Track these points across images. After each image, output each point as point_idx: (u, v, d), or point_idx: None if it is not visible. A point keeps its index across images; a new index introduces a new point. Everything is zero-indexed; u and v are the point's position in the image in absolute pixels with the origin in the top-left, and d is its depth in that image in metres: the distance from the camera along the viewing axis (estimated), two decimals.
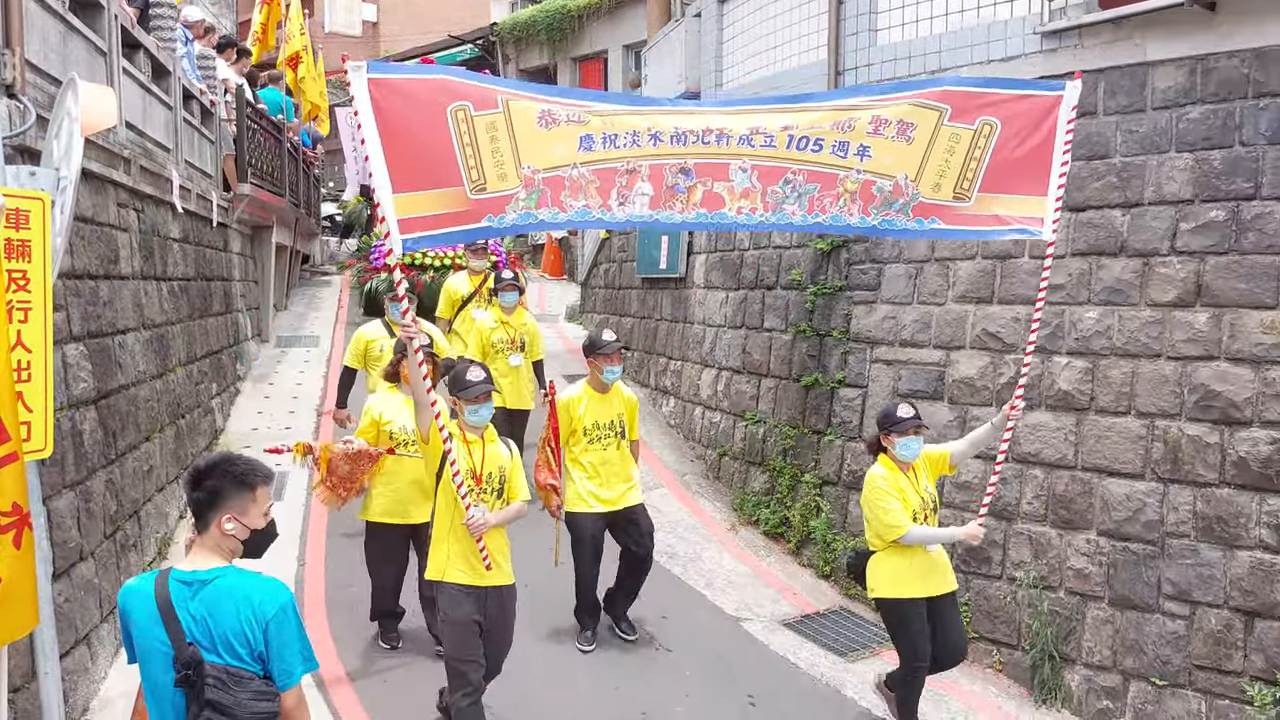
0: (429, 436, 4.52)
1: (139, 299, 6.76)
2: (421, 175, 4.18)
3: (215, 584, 2.79)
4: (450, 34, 24.08)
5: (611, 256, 14.11)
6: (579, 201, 4.42)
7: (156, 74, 8.10)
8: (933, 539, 5.08)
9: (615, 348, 5.96)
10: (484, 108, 4.24)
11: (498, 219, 4.31)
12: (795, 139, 4.59)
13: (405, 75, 4.19)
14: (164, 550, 6.63)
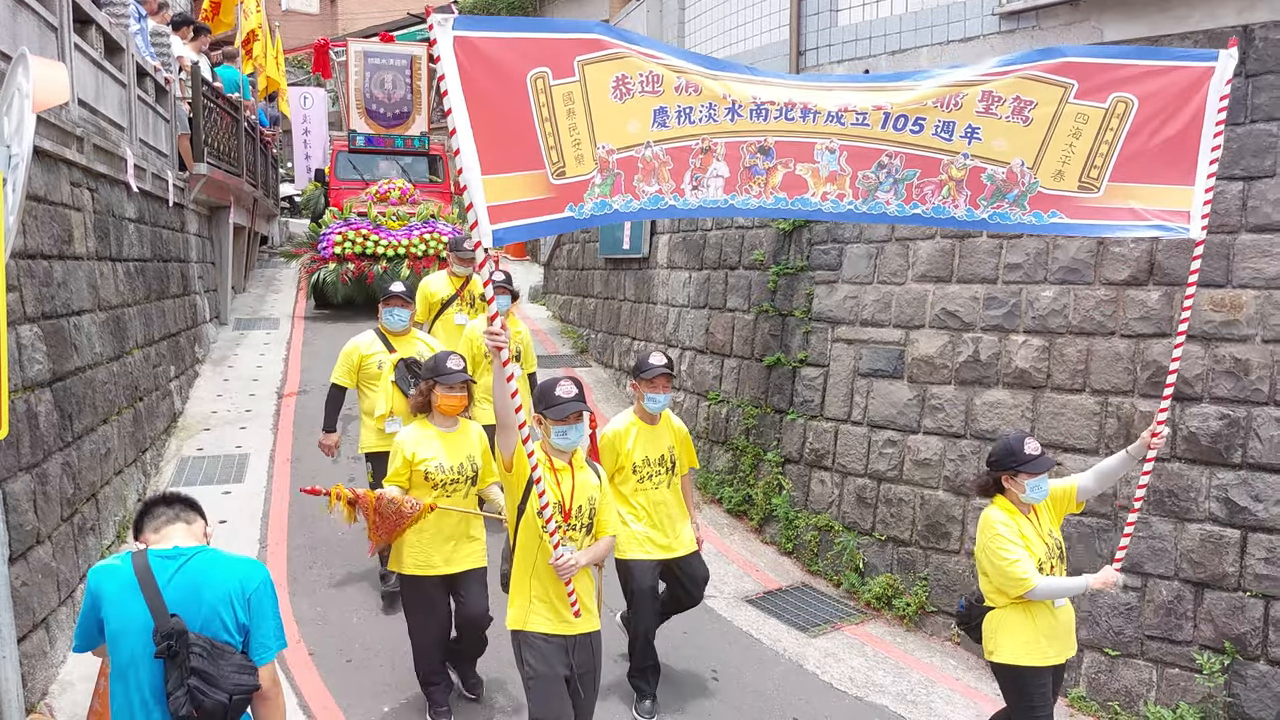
0: (512, 462, 3.88)
1: (94, 280, 6.65)
2: (509, 155, 3.66)
3: (198, 559, 2.87)
4: (410, 12, 23.79)
5: (574, 237, 14.09)
6: (651, 186, 3.94)
7: (109, 51, 7.94)
8: (1063, 591, 4.32)
9: (659, 372, 5.12)
10: (561, 75, 3.72)
11: (578, 208, 3.80)
12: (892, 117, 4.03)
13: (490, 33, 3.63)
14: (122, 534, 6.55)
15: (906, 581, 6.84)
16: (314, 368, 10.96)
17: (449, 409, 4.84)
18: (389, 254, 12.88)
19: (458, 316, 7.56)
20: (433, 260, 12.79)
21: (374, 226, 13.03)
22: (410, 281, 12.56)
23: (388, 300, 6.26)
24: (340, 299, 13.10)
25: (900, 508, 6.96)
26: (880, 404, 7.19)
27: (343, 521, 4.92)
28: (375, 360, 6.22)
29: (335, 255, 12.79)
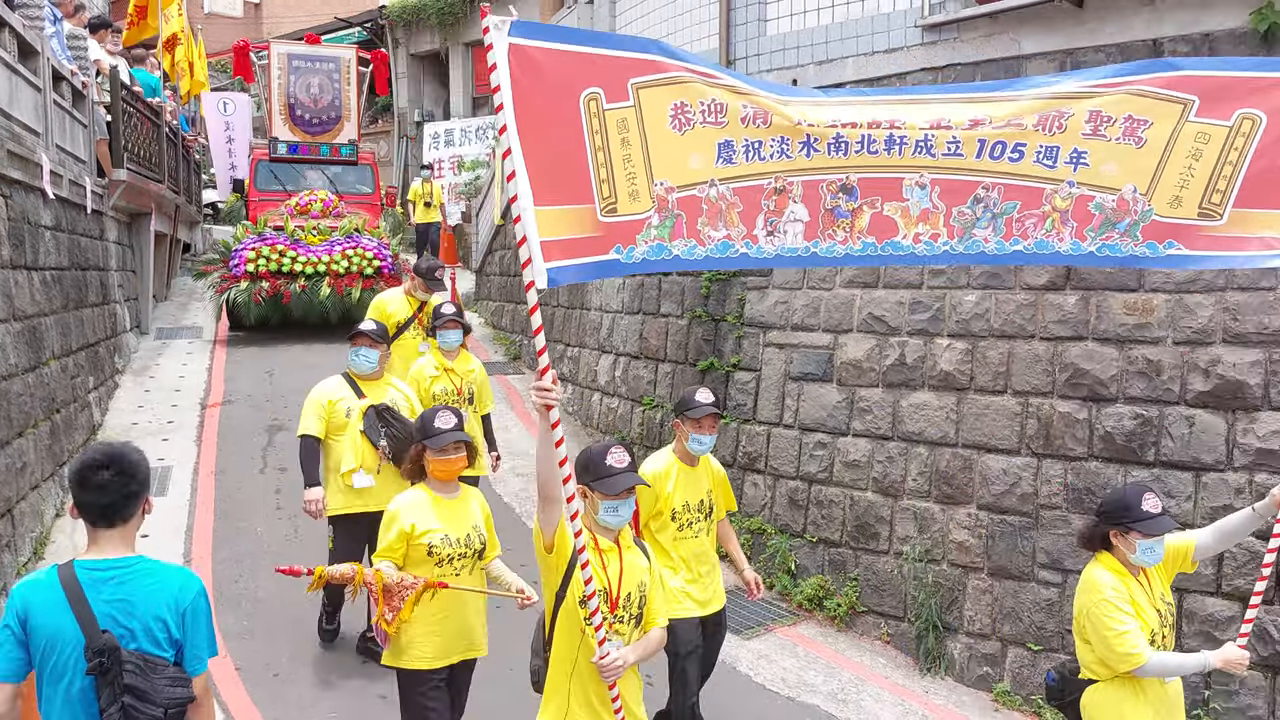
0: (554, 542, 3.30)
1: (8, 289, 6.44)
2: (560, 185, 3.28)
3: (131, 572, 2.74)
4: (337, 17, 23.50)
5: (507, 244, 14.03)
6: (719, 231, 3.52)
7: (23, 54, 7.70)
8: (1179, 670, 3.72)
9: (707, 411, 4.61)
10: (615, 98, 3.33)
11: (627, 251, 3.40)
12: (988, 144, 3.60)
13: (546, 43, 3.25)
14: (40, 550, 6.35)
15: (837, 582, 6.94)
16: (238, 377, 10.76)
17: (445, 474, 4.14)
18: (307, 271, 11.93)
19: (422, 345, 6.97)
20: (355, 278, 11.99)
21: (291, 242, 12.06)
22: (330, 301, 11.87)
23: (355, 338, 5.48)
24: (254, 320, 12.12)
25: (830, 509, 7.07)
26: (811, 407, 7.30)
27: (349, 599, 4.45)
28: (343, 407, 5.38)
29: (248, 273, 11.80)
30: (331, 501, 5.39)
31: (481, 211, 15.75)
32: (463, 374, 6.36)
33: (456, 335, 6.27)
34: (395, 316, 7.03)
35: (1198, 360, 5.67)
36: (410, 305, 7.13)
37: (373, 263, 12.15)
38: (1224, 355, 5.60)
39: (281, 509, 7.55)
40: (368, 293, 11.55)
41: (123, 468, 2.75)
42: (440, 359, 6.31)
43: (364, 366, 5.48)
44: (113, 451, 2.78)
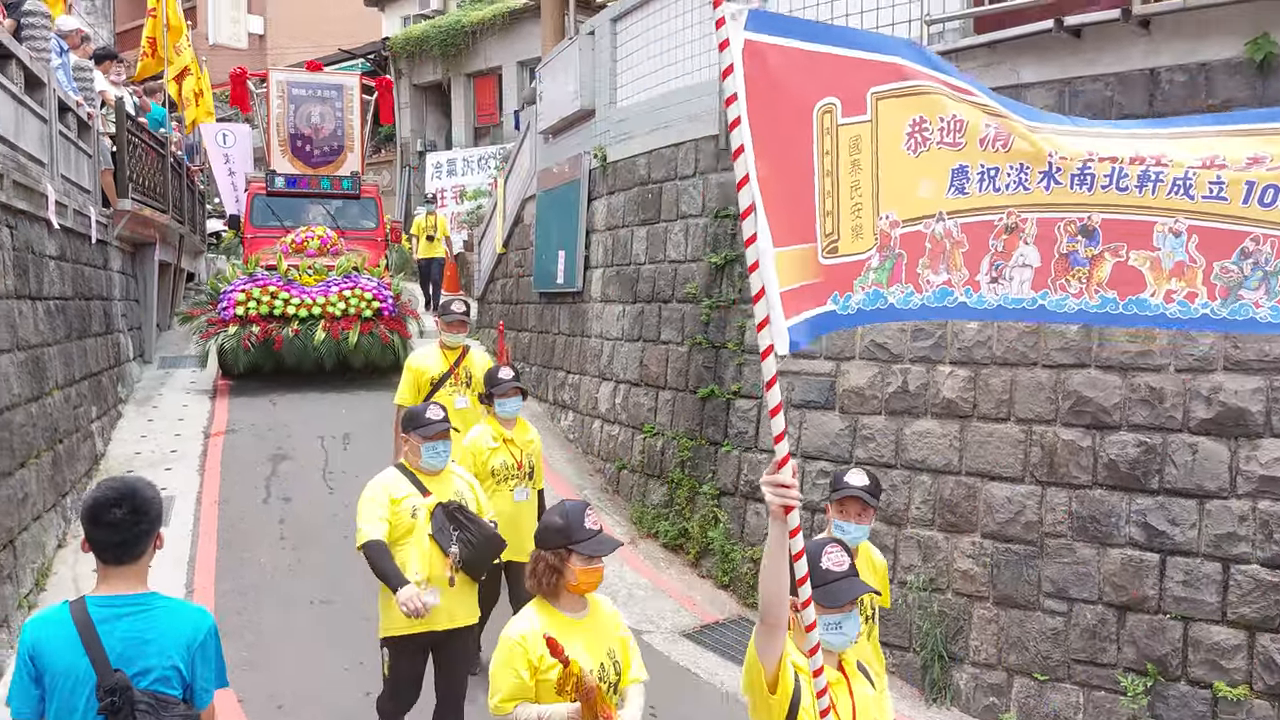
0: (776, 678, 2.71)
1: (12, 319, 6.47)
2: (790, 220, 2.76)
3: (144, 609, 2.74)
4: (340, 48, 23.70)
5: (508, 272, 14.08)
6: (939, 275, 2.95)
7: (30, 85, 7.78)
8: None
9: (854, 492, 4.06)
10: (852, 111, 2.82)
11: (843, 300, 2.86)
12: (1257, 188, 2.90)
13: (785, 40, 2.70)
14: (41, 581, 6.34)
15: None
16: (242, 406, 10.77)
17: (587, 585, 3.35)
18: (301, 314, 11.04)
19: (457, 400, 6.43)
20: (353, 321, 11.16)
21: (284, 282, 11.24)
22: (326, 347, 10.98)
23: (433, 434, 4.56)
24: (243, 368, 11.26)
25: None
26: (813, 434, 7.30)
27: None
28: (407, 507, 4.49)
29: (237, 317, 10.92)
30: (388, 620, 4.49)
31: (484, 240, 15.81)
32: (522, 445, 5.71)
33: (517, 403, 5.67)
34: (430, 373, 6.58)
35: (1199, 388, 5.67)
36: (446, 359, 6.64)
37: (372, 304, 11.37)
38: (1225, 383, 5.60)
39: (285, 539, 7.54)
40: (365, 337, 11.16)
41: (135, 504, 2.74)
42: (498, 429, 5.64)
43: (440, 463, 4.63)
44: (125, 488, 2.77)
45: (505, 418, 5.67)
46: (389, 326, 11.40)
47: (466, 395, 6.55)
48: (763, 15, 2.69)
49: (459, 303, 6.80)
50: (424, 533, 4.45)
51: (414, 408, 4.75)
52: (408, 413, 4.75)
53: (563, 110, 11.39)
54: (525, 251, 13.18)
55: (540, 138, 12.59)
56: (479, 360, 6.80)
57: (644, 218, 9.53)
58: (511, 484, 5.60)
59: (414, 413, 4.65)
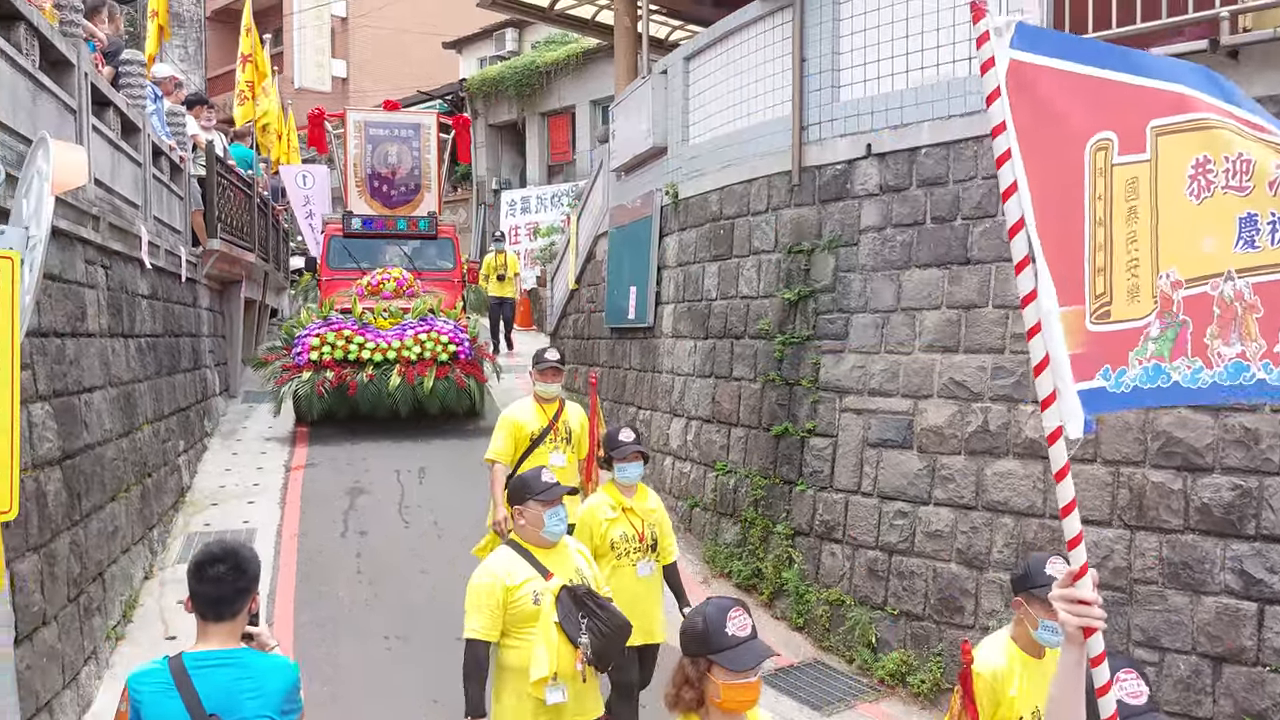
0: None
1: (106, 357, 6.71)
2: (1062, 276, 2.33)
3: (236, 663, 2.92)
4: (420, 90, 24.30)
5: (580, 307, 14.19)
6: (1231, 347, 2.44)
7: (126, 131, 8.12)
8: None
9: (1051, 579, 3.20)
10: (1130, 148, 2.40)
11: (1116, 376, 2.38)
12: None
13: (1056, 61, 2.34)
14: (129, 613, 6.51)
15: (920, 657, 6.73)
16: (322, 439, 10.97)
17: (735, 704, 2.74)
18: (375, 359, 10.82)
19: (554, 457, 6.03)
20: (428, 365, 10.92)
21: (359, 326, 11.05)
22: (400, 393, 10.72)
23: (555, 497, 4.07)
24: (316, 415, 10.99)
25: (913, 581, 6.89)
26: (890, 474, 7.16)
27: None
28: (528, 593, 3.96)
29: (311, 362, 10.72)
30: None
31: (556, 276, 15.97)
32: (644, 514, 5.15)
33: (639, 469, 5.15)
34: (528, 428, 6.15)
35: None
36: (543, 414, 6.20)
37: (448, 348, 11.11)
38: None
39: (361, 573, 7.64)
40: (441, 381, 10.93)
41: (236, 563, 2.96)
42: (618, 497, 5.11)
43: (561, 531, 4.15)
44: (228, 548, 3.00)
45: (626, 484, 5.15)
46: (465, 371, 11.15)
47: (565, 453, 6.13)
48: (1031, 31, 2.33)
49: (553, 350, 6.41)
50: (550, 622, 3.91)
51: (525, 475, 4.23)
52: (519, 481, 4.21)
53: (635, 148, 11.48)
54: (597, 287, 13.27)
55: (613, 175, 12.71)
56: (575, 414, 6.38)
57: (716, 253, 9.53)
58: (634, 558, 5.03)
59: (527, 480, 4.13)
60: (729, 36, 9.53)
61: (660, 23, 15.58)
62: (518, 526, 4.14)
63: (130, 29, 19.02)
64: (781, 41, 8.64)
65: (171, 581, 7.21)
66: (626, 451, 5.13)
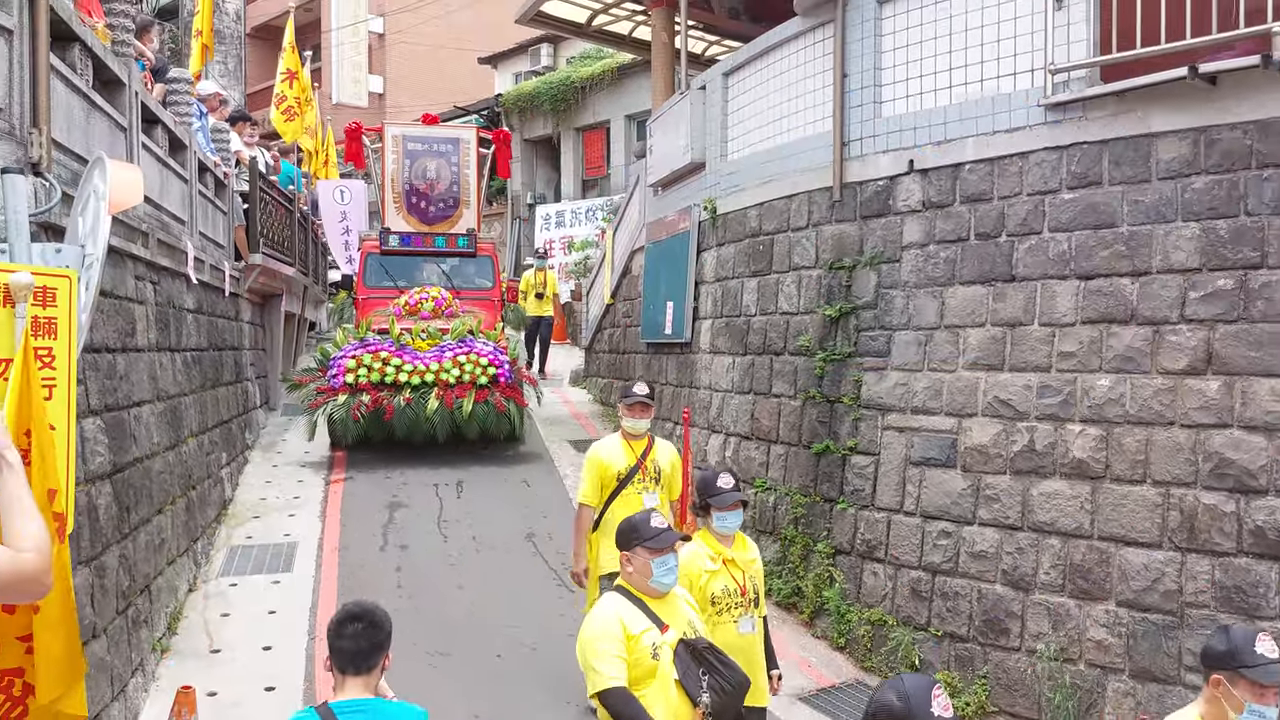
0: None
1: (154, 371, 6.79)
2: None
3: (375, 710, 3.18)
4: (455, 105, 24.49)
5: (615, 321, 14.20)
6: None
7: (173, 148, 8.24)
8: None
9: None
10: None
11: None
12: None
13: None
14: (173, 626, 6.56)
15: (965, 680, 6.64)
16: (361, 450, 11.02)
17: None
18: (413, 382, 10.44)
19: (646, 498, 5.69)
20: (467, 389, 10.52)
21: (397, 347, 10.70)
22: (439, 416, 10.27)
23: (667, 544, 3.78)
24: (351, 439, 10.59)
25: (956, 602, 6.80)
26: (933, 494, 7.09)
27: None
28: (647, 644, 3.65)
29: (346, 385, 10.37)
30: None
31: (591, 291, 16.00)
32: (745, 566, 4.67)
33: (739, 517, 4.67)
34: (615, 468, 5.77)
35: None
36: (631, 452, 5.82)
37: (487, 370, 10.73)
38: None
39: (402, 587, 7.66)
40: (480, 405, 10.53)
41: (372, 621, 3.28)
42: (717, 546, 4.61)
43: (672, 581, 3.84)
44: (364, 609, 3.33)
45: (724, 533, 4.67)
46: (505, 394, 10.75)
47: (656, 493, 5.76)
48: None
49: (641, 384, 6.00)
50: (669, 678, 3.64)
51: (634, 518, 3.92)
52: (627, 525, 3.90)
53: (673, 163, 11.50)
54: (633, 302, 13.28)
55: (649, 191, 12.72)
56: (665, 453, 5.99)
57: (755, 269, 9.50)
58: (735, 614, 4.56)
59: (636, 524, 3.84)
60: (769, 52, 9.53)
61: (697, 38, 15.62)
62: (625, 574, 3.84)
63: (172, 45, 19.35)
64: (823, 57, 8.62)
65: (215, 594, 7.27)
66: (727, 500, 4.60)
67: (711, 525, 4.66)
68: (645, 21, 15.51)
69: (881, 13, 8.06)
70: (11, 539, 2.33)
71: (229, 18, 25.10)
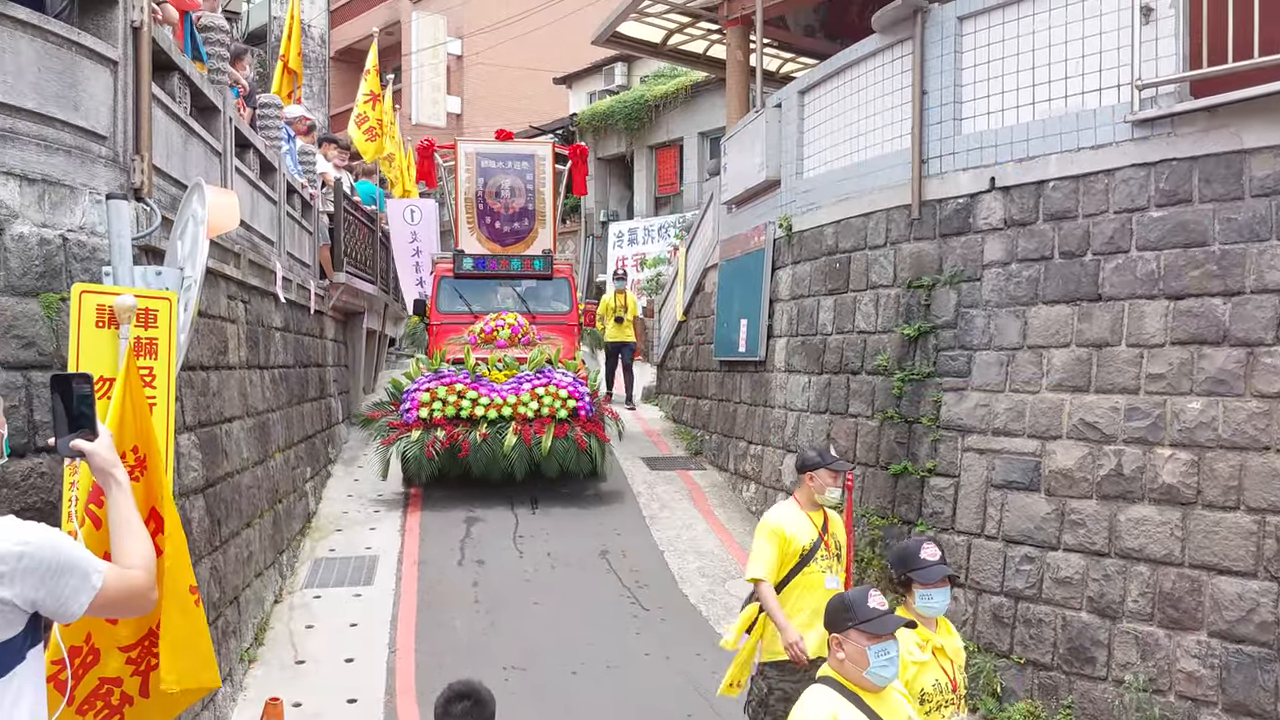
0: None
1: (244, 388, 7.01)
2: None
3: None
4: (531, 124, 24.83)
5: (688, 339, 14.22)
6: None
7: (264, 171, 8.52)
8: None
9: None
10: None
11: None
12: None
13: None
14: (260, 636, 6.74)
15: (1049, 709, 6.48)
16: None
17: None
18: (490, 416, 9.82)
19: (829, 580, 5.02)
20: (546, 423, 9.89)
21: (472, 379, 10.07)
22: (516, 453, 9.71)
23: (889, 630, 3.24)
24: (425, 478, 10.04)
25: (1040, 629, 6.65)
26: (1016, 517, 6.95)
27: None
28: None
29: (420, 420, 9.81)
30: None
31: (664, 307, 16.05)
32: (954, 655, 4.02)
33: (946, 596, 3.96)
34: (797, 542, 5.04)
35: None
36: (813, 523, 5.11)
37: (567, 403, 10.08)
38: None
39: (479, 602, 7.76)
40: (560, 441, 9.90)
41: (478, 700, 3.45)
42: (925, 633, 3.90)
43: (891, 674, 3.29)
44: (471, 687, 3.49)
45: (929, 615, 3.95)
46: (586, 429, 10.07)
47: (838, 574, 5.09)
48: None
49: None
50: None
51: (849, 596, 3.42)
52: (839, 603, 3.41)
53: (747, 181, 11.50)
54: (706, 319, 13.28)
55: (723, 208, 12.74)
56: (839, 523, 5.31)
57: (831, 287, 9.45)
58: (946, 712, 3.91)
59: (852, 602, 3.34)
60: (845, 70, 9.48)
61: (772, 56, 15.63)
62: (833, 661, 3.31)
63: (260, 70, 20.02)
64: (901, 74, 8.56)
65: (300, 606, 7.46)
66: (935, 575, 3.92)
67: (913, 605, 3.94)
68: (720, 40, 15.56)
69: (962, 29, 7.97)
70: (120, 556, 2.42)
71: (314, 42, 25.88)
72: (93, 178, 4.77)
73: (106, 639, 3.22)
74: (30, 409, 4.06)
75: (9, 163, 4.27)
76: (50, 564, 2.11)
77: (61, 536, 2.19)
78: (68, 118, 4.65)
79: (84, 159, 4.74)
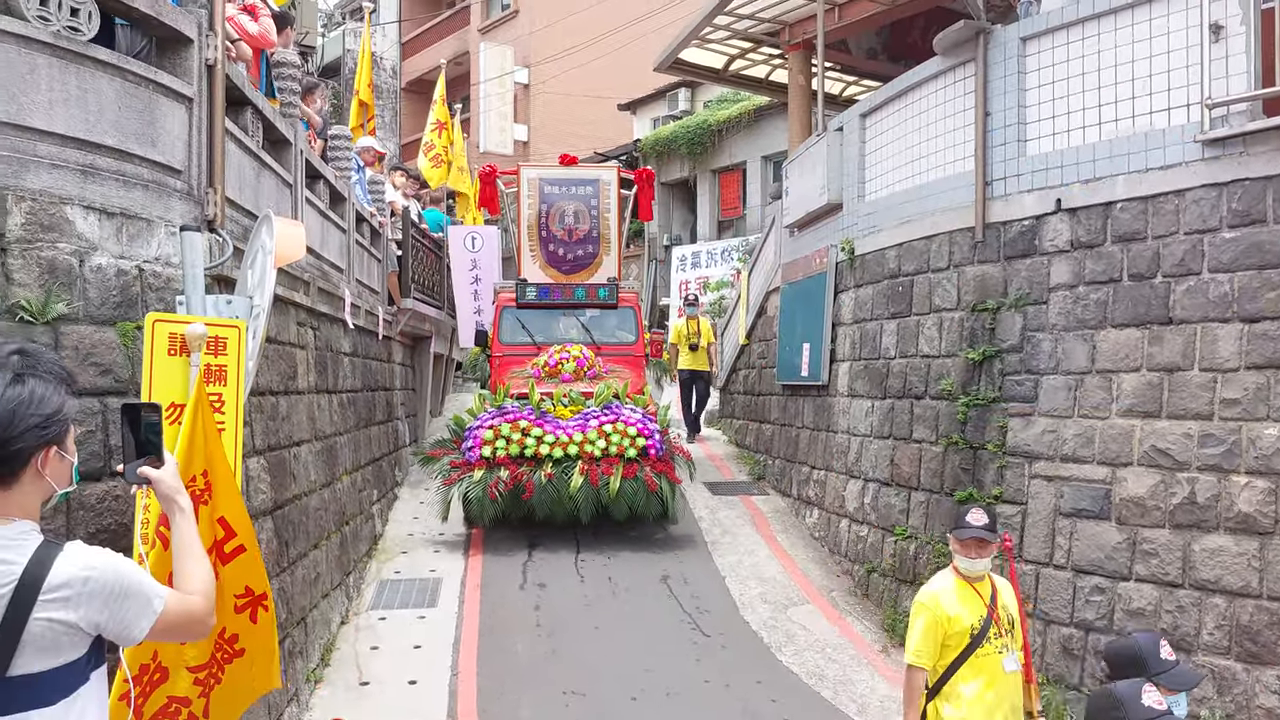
0: None
1: (312, 412, 7.18)
2: None
3: None
4: (596, 151, 25.07)
5: (751, 363, 14.17)
6: None
7: (333, 201, 8.75)
8: None
9: None
10: None
11: None
12: None
13: None
14: (326, 657, 6.86)
15: None
16: None
17: None
18: (555, 454, 9.30)
19: (1006, 662, 4.35)
20: (614, 463, 9.36)
21: (537, 416, 9.56)
22: (583, 495, 9.19)
23: (1177, 685, 3.26)
24: (488, 521, 9.50)
25: None
26: (1085, 546, 6.78)
27: None
28: None
29: (483, 459, 9.32)
30: None
31: (726, 331, 16.04)
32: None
33: (1183, 707, 3.42)
34: (962, 621, 4.35)
35: None
36: (977, 599, 4.41)
37: (636, 441, 9.54)
38: None
39: (540, 626, 7.80)
40: (628, 482, 9.34)
41: None
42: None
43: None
44: None
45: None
46: (656, 469, 9.53)
47: (1016, 654, 4.41)
48: None
49: (979, 510, 4.57)
50: None
51: (1141, 645, 3.24)
52: (1130, 653, 3.25)
53: (809, 205, 11.47)
54: (768, 343, 13.24)
55: (785, 232, 12.71)
56: (1007, 592, 4.62)
57: (894, 311, 9.36)
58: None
59: (1144, 653, 3.17)
60: (907, 92, 9.43)
61: (834, 79, 15.60)
62: None
63: (334, 101, 20.56)
64: (964, 96, 8.48)
65: (365, 627, 7.57)
66: (1189, 680, 3.53)
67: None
68: (782, 65, 15.59)
69: (1025, 50, 7.88)
70: (181, 582, 2.50)
71: (385, 74, 26.53)
72: (168, 210, 4.96)
73: (174, 659, 3.33)
74: (106, 434, 4.21)
75: (90, 198, 4.46)
76: (114, 588, 2.19)
77: (125, 562, 2.27)
78: (145, 153, 4.84)
79: (160, 192, 4.93)
